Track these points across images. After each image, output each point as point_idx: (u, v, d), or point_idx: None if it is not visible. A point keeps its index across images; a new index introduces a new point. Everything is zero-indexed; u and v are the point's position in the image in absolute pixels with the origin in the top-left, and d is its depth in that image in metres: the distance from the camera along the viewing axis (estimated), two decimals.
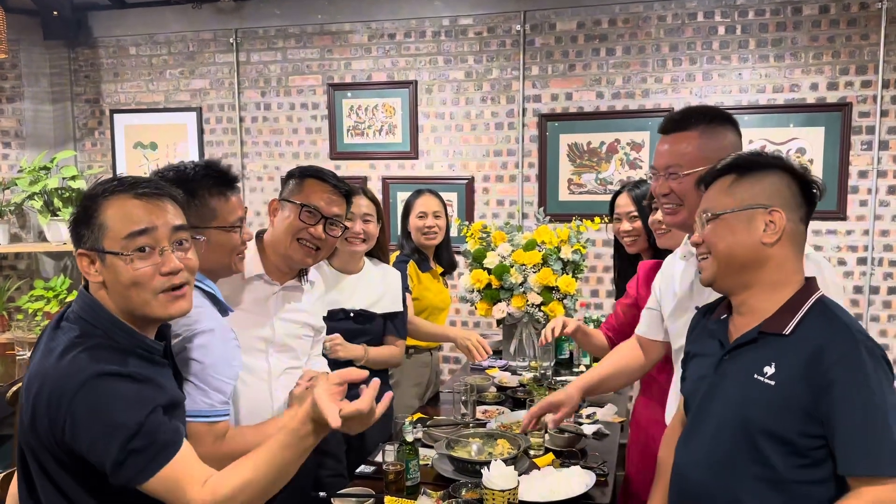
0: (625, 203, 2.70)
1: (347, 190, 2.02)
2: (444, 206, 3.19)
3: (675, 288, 1.87)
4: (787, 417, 1.32)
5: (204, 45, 4.72)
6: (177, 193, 1.38)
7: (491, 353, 2.92)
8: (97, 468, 1.22)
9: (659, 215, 2.32)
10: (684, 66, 4.01)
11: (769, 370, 1.35)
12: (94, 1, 4.70)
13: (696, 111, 1.76)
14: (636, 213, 2.65)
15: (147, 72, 4.84)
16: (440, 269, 3.22)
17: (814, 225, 3.84)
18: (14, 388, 3.05)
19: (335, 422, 1.21)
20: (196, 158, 4.73)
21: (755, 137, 3.87)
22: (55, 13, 4.55)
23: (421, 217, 3.08)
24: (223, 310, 1.68)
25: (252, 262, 1.93)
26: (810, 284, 1.42)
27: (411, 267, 3.01)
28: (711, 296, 1.71)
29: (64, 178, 4.60)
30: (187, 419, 1.44)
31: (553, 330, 2.49)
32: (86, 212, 1.29)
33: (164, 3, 4.70)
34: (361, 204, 2.52)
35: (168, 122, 4.85)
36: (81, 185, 4.61)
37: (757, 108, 3.91)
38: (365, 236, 2.52)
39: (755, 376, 1.37)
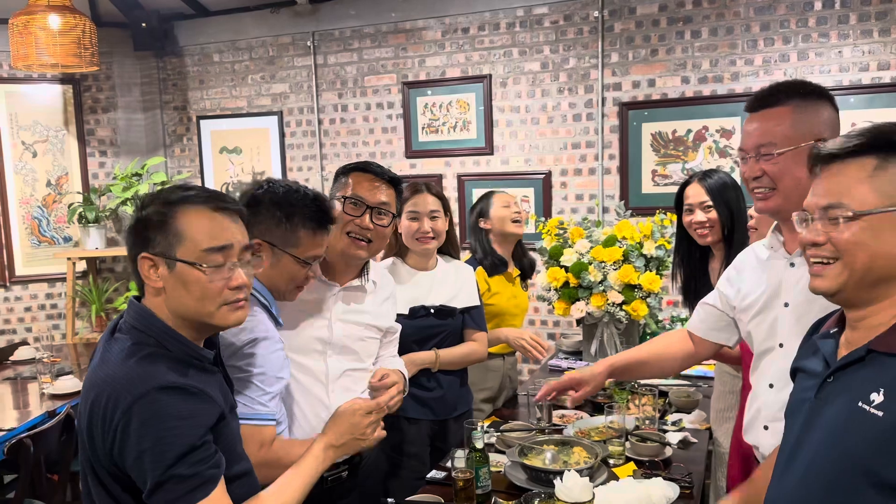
0: (696, 193, 2.59)
1: (392, 177, 2.00)
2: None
3: (760, 283, 1.70)
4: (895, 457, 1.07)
5: (283, 49, 4.80)
6: (244, 210, 1.39)
7: (548, 346, 2.80)
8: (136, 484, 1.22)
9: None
10: (777, 45, 3.74)
11: (877, 398, 1.10)
12: (180, 11, 4.87)
13: (786, 85, 1.60)
14: (710, 203, 2.54)
15: (230, 78, 4.98)
16: (516, 272, 3.09)
17: None
18: None
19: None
20: (279, 162, 4.88)
21: (858, 119, 3.57)
22: (143, 24, 4.74)
23: (506, 205, 2.99)
24: (275, 322, 1.69)
25: None
26: None
27: (478, 274, 2.88)
28: (803, 292, 1.55)
29: (155, 184, 4.79)
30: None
31: None
32: (160, 217, 1.28)
33: (243, 9, 4.81)
34: (427, 201, 2.45)
35: (251, 126, 4.97)
36: None
37: (860, 88, 3.61)
38: (434, 234, 2.46)
39: (860, 404, 1.12)
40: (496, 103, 4.31)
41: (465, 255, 3.05)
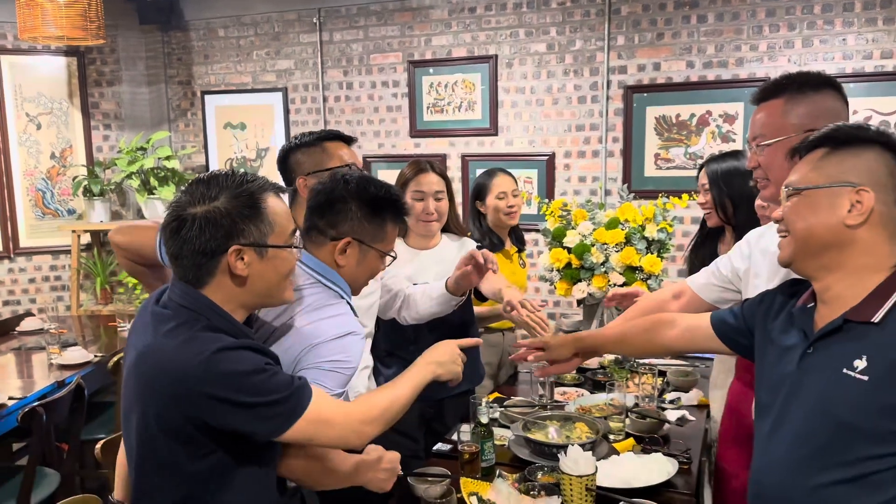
0: (700, 175, 2.66)
1: (354, 139, 2.13)
2: (517, 183, 3.13)
3: (771, 270, 1.74)
4: (883, 415, 1.20)
5: (288, 25, 4.80)
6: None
7: (548, 324, 2.65)
8: (235, 434, 1.29)
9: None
10: (782, 31, 3.76)
11: (860, 364, 1.23)
12: None
13: (787, 77, 1.65)
14: (708, 187, 2.59)
15: (235, 53, 4.97)
16: (514, 249, 3.13)
17: None
18: (116, 358, 3.24)
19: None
20: (283, 139, 4.89)
21: (860, 108, 3.61)
22: None
23: (501, 198, 2.99)
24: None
25: None
26: None
27: None
28: None
29: (159, 159, 4.81)
30: None
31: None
32: (250, 210, 1.31)
33: None
34: (432, 181, 2.47)
35: (255, 102, 4.98)
36: (175, 164, 4.81)
37: (863, 76, 3.64)
38: (438, 215, 2.49)
39: (844, 371, 1.25)
40: (501, 84, 4.33)
41: None
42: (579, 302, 3.23)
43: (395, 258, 1.75)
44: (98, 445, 2.28)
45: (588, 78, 4.15)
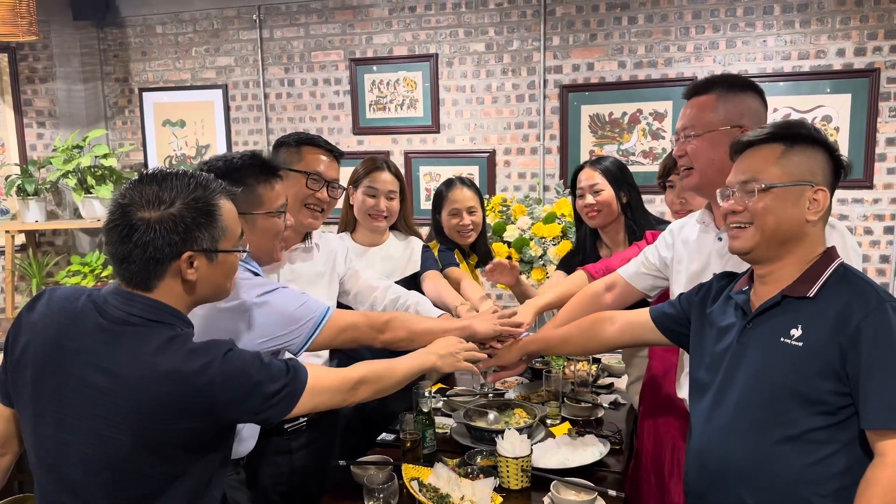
0: (584, 178, 2.64)
1: (339, 153, 2.17)
2: (480, 196, 2.91)
3: (691, 257, 1.88)
4: (816, 378, 1.34)
5: (228, 21, 4.77)
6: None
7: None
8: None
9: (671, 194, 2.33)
10: (707, 33, 3.95)
11: (796, 332, 1.38)
12: None
13: (717, 77, 1.81)
14: (601, 186, 2.60)
15: (173, 50, 4.92)
16: (475, 259, 3.07)
17: (840, 194, 3.80)
18: None
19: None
20: (223, 136, 4.87)
21: (780, 105, 3.82)
22: None
23: (453, 215, 2.83)
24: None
25: None
26: (830, 252, 1.45)
27: (433, 247, 2.83)
28: (729, 263, 1.73)
29: (96, 157, 4.72)
30: None
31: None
32: (209, 216, 1.31)
33: None
34: (386, 180, 2.50)
35: (195, 99, 4.93)
36: (113, 163, 4.73)
37: (782, 76, 3.85)
38: (387, 213, 2.53)
39: (782, 339, 1.40)
40: (442, 82, 4.41)
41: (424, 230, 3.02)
42: None
43: (283, 212, 1.78)
44: None
45: (525, 77, 4.27)
